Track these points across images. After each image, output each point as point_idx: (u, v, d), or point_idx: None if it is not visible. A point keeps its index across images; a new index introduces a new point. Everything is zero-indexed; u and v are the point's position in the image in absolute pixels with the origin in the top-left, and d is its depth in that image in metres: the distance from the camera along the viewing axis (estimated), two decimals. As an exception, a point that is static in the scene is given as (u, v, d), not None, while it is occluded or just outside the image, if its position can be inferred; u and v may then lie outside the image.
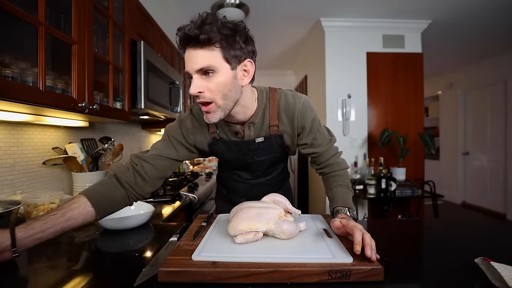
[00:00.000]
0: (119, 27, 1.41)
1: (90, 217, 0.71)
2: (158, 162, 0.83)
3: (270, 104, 0.89)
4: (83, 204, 0.69)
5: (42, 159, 1.22)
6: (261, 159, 0.97)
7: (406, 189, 2.66)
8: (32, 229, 0.61)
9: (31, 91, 0.85)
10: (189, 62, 0.72)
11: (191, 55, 0.71)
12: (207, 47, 0.69)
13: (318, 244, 0.64)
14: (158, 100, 1.71)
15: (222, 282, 0.52)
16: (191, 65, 0.71)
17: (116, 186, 0.77)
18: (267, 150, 0.94)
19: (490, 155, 4.37)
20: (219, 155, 0.96)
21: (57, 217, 0.64)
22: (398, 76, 3.03)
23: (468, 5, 2.55)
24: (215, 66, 0.70)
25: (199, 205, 1.73)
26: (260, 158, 0.96)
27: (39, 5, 0.88)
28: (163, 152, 0.84)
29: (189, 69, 0.72)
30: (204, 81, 0.72)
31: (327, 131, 0.96)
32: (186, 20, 0.71)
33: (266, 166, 1.02)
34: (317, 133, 0.92)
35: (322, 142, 0.93)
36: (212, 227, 0.77)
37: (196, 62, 0.70)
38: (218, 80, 0.71)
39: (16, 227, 0.60)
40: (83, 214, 0.69)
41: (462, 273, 0.58)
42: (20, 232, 0.60)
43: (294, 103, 0.88)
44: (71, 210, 0.67)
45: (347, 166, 0.96)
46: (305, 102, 0.88)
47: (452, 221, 1.02)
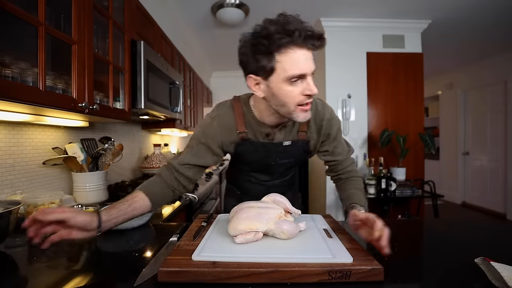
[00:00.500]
0: (119, 27, 1.41)
1: (147, 209, 0.81)
2: (188, 171, 0.88)
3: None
4: (142, 199, 0.80)
5: (42, 159, 1.22)
6: (283, 162, 0.98)
7: (406, 189, 2.66)
8: (110, 215, 0.71)
9: (31, 91, 0.85)
10: (306, 62, 0.71)
11: (308, 56, 0.71)
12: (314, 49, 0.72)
13: (318, 244, 0.64)
14: (158, 100, 1.71)
15: (222, 282, 0.52)
16: (310, 65, 0.72)
17: (163, 187, 0.86)
18: (291, 154, 0.95)
19: (490, 155, 4.37)
20: (242, 156, 0.96)
21: (126, 207, 0.75)
22: (398, 76, 3.03)
23: (468, 5, 2.55)
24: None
25: (199, 205, 1.73)
26: (283, 161, 0.98)
27: (39, 5, 0.88)
28: (191, 161, 0.88)
29: (307, 70, 0.71)
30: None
31: (345, 142, 1.00)
32: (187, 20, 0.71)
33: (285, 169, 1.04)
34: (339, 142, 0.96)
35: (342, 151, 0.97)
36: (212, 227, 0.77)
37: (312, 63, 0.72)
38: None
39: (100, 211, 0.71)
40: (143, 206, 0.79)
41: (462, 273, 0.58)
42: (103, 216, 0.70)
43: (323, 112, 0.90)
44: (134, 202, 0.78)
45: (361, 175, 1.00)
46: (332, 111, 0.93)
47: (452, 221, 1.02)
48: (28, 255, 0.73)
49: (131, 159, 2.16)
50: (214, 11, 2.57)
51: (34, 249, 0.76)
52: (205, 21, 2.83)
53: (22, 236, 0.84)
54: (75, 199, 1.31)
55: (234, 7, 2.50)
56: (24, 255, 0.74)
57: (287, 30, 0.68)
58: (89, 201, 1.30)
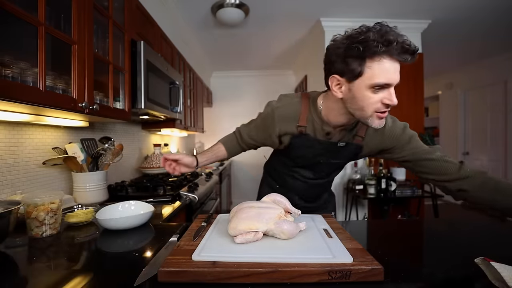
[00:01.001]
0: (119, 27, 1.41)
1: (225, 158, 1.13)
2: (250, 143, 1.09)
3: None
4: (222, 150, 1.10)
5: (42, 159, 1.22)
6: (333, 162, 1.01)
7: (406, 189, 2.65)
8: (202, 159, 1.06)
9: (31, 91, 0.85)
10: (394, 73, 0.74)
11: (396, 68, 0.74)
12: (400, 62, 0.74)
13: (318, 244, 0.64)
14: (158, 100, 1.71)
15: (222, 282, 0.52)
16: (396, 77, 0.75)
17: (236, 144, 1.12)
18: (342, 155, 0.97)
19: (490, 155, 4.37)
20: (295, 149, 0.99)
21: (212, 155, 1.08)
22: (398, 76, 3.03)
23: (468, 5, 2.55)
24: None
25: (199, 205, 1.73)
26: (333, 161, 1.00)
27: (39, 5, 0.88)
28: (254, 136, 1.06)
29: (393, 81, 0.75)
30: None
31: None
32: (187, 20, 0.71)
33: (331, 169, 1.06)
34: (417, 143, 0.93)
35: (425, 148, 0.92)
36: (212, 227, 0.77)
37: (398, 75, 0.75)
38: None
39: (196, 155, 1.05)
40: (222, 155, 1.10)
41: (462, 273, 0.57)
42: (199, 159, 1.05)
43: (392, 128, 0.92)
44: (218, 152, 1.10)
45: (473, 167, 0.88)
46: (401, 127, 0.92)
47: (452, 221, 1.02)
48: (28, 255, 0.73)
49: (131, 159, 2.16)
50: (214, 11, 2.57)
51: (34, 249, 0.76)
52: (205, 21, 2.83)
53: (22, 236, 0.84)
54: (75, 199, 1.30)
55: (234, 7, 2.49)
56: (24, 255, 0.73)
57: (386, 39, 0.69)
58: (89, 201, 1.30)
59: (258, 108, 1.21)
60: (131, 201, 1.02)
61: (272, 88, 4.73)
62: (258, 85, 4.85)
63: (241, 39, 3.33)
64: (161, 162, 1.00)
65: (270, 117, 0.96)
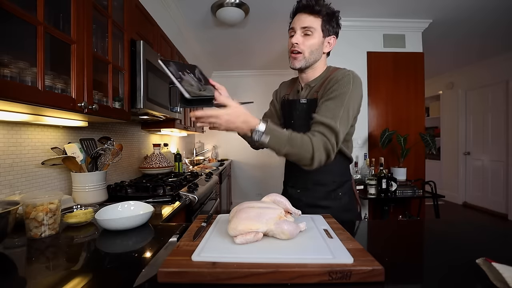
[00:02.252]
0: (119, 27, 1.41)
1: None
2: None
3: (326, 75, 1.05)
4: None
5: (41, 159, 1.21)
6: (300, 124, 1.04)
7: (407, 189, 2.65)
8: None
9: (30, 91, 0.85)
10: (298, 21, 1.00)
11: (301, 17, 0.99)
12: (315, 15, 0.98)
13: (319, 245, 0.63)
14: (157, 100, 1.71)
15: (222, 282, 0.52)
16: (299, 23, 0.99)
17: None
18: (308, 115, 0.98)
19: (491, 155, 4.36)
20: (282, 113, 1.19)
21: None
22: (398, 76, 3.03)
23: (468, 4, 2.55)
24: (315, 29, 0.98)
25: (199, 205, 1.72)
26: (299, 121, 1.06)
27: (38, 5, 0.87)
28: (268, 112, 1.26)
29: (296, 26, 1.00)
30: (302, 38, 1.00)
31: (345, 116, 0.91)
32: (186, 20, 0.71)
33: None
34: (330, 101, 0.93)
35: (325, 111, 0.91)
36: (212, 227, 0.76)
37: (303, 22, 0.99)
38: (311, 41, 1.00)
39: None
40: None
41: (463, 273, 0.57)
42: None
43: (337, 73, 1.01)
44: None
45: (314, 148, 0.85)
46: (347, 74, 0.98)
47: (453, 222, 1.01)
48: (26, 256, 0.73)
49: (130, 159, 2.15)
50: (214, 10, 2.57)
51: (33, 249, 0.76)
52: (205, 21, 2.83)
53: (20, 236, 0.84)
54: (74, 199, 1.30)
55: (234, 7, 2.49)
56: (22, 256, 0.73)
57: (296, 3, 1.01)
58: (88, 201, 1.29)
59: (258, 108, 1.21)
60: (130, 202, 1.02)
61: (272, 87, 4.68)
62: (258, 84, 4.85)
63: (241, 39, 3.32)
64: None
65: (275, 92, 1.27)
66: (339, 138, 0.89)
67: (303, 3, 0.99)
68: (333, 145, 0.88)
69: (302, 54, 1.01)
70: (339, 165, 1.08)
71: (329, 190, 1.07)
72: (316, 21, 0.98)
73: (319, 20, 0.99)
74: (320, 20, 0.99)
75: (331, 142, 0.87)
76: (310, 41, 0.99)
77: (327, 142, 0.87)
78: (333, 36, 1.04)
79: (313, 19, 0.98)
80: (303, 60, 1.02)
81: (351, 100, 0.94)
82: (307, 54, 1.01)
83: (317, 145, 0.85)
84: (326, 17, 0.99)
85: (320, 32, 1.00)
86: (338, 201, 1.07)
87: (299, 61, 1.02)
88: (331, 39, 1.04)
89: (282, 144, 0.84)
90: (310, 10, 0.98)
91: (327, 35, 1.02)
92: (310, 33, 0.99)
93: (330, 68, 1.09)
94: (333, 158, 0.90)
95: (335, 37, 1.04)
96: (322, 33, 1.00)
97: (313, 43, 1.00)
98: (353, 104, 0.95)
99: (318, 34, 1.00)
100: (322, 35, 1.01)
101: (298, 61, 1.02)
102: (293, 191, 1.14)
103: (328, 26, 1.00)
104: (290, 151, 0.85)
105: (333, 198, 1.07)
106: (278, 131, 0.85)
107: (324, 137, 0.87)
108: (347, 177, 1.12)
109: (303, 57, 1.01)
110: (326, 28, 1.00)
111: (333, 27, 1.02)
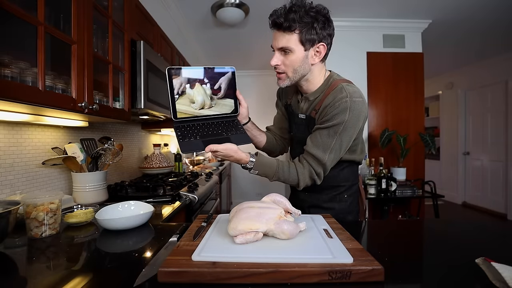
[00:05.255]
0: (119, 27, 1.41)
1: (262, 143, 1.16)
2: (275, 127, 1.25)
3: (326, 91, 0.98)
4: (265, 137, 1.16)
5: (42, 159, 1.21)
6: (299, 136, 1.06)
7: (407, 189, 2.65)
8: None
9: (30, 91, 0.85)
10: (274, 40, 0.93)
11: (276, 35, 0.92)
12: (288, 32, 0.88)
13: (318, 244, 0.63)
14: (158, 100, 1.71)
15: (222, 282, 0.52)
16: (275, 43, 0.92)
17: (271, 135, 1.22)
18: (306, 129, 1.01)
19: (490, 155, 4.36)
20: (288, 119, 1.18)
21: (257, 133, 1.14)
22: (398, 76, 3.03)
23: (468, 4, 2.55)
24: (292, 47, 0.89)
25: (199, 205, 1.72)
26: (299, 134, 1.06)
27: (39, 5, 0.88)
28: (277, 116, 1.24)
29: (273, 46, 0.94)
30: (282, 57, 0.93)
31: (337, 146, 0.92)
32: (186, 20, 0.72)
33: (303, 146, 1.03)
34: (321, 136, 0.92)
35: (316, 141, 0.93)
36: (212, 227, 0.77)
37: (278, 42, 0.91)
38: (292, 58, 0.91)
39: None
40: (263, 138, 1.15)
41: (463, 273, 0.57)
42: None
43: (334, 96, 0.93)
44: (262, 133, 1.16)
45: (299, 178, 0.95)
46: (344, 100, 0.89)
47: (453, 221, 1.01)
48: (27, 255, 0.73)
49: (130, 159, 2.15)
50: (214, 10, 2.57)
51: (34, 249, 0.76)
52: (205, 21, 2.83)
53: (21, 236, 0.84)
54: (75, 199, 1.30)
55: (234, 7, 2.49)
56: (23, 256, 0.73)
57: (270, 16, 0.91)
58: (88, 201, 1.29)
59: (259, 108, 1.22)
60: (130, 201, 1.02)
61: (272, 87, 4.70)
62: (258, 84, 4.85)
63: (241, 39, 3.33)
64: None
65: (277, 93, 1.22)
66: (326, 168, 0.95)
67: (273, 20, 0.89)
68: (319, 174, 0.95)
69: (285, 73, 0.95)
70: (348, 169, 1.08)
71: (337, 193, 1.08)
72: (291, 38, 0.88)
73: (295, 35, 0.88)
74: (296, 35, 0.88)
75: (317, 172, 0.95)
76: (290, 58, 0.91)
77: (313, 173, 0.95)
78: (321, 44, 0.91)
79: (288, 37, 0.88)
80: (288, 79, 0.96)
81: (346, 130, 0.91)
82: (290, 73, 0.94)
83: (303, 175, 0.95)
84: (304, 28, 0.87)
85: (300, 46, 0.89)
86: (344, 203, 1.08)
87: (283, 80, 0.96)
88: (318, 47, 0.92)
89: (270, 175, 0.96)
90: (281, 28, 0.88)
91: (311, 46, 0.90)
92: (288, 51, 0.90)
93: (330, 80, 1.00)
94: (320, 182, 0.97)
95: (323, 44, 0.92)
96: (303, 46, 0.90)
97: (294, 60, 0.91)
98: (347, 134, 0.92)
99: (298, 49, 0.90)
100: (304, 49, 0.90)
101: (283, 80, 0.96)
102: (301, 193, 1.14)
103: (309, 36, 0.88)
104: (278, 180, 0.97)
105: (338, 200, 1.08)
106: (265, 165, 0.94)
107: (311, 168, 0.95)
108: (355, 180, 1.13)
109: (286, 76, 0.95)
110: (307, 39, 0.89)
111: (318, 33, 0.89)
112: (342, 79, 1.00)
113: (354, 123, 0.91)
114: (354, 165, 1.10)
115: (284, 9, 0.87)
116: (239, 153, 0.91)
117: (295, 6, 0.86)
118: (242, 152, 0.92)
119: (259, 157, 0.94)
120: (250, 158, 0.93)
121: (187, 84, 0.90)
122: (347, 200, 1.08)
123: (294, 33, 0.87)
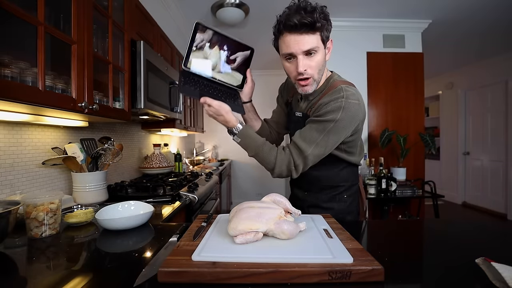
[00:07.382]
0: (119, 27, 1.41)
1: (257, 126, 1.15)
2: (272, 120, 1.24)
3: (325, 91, 0.97)
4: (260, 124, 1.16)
5: (42, 159, 1.21)
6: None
7: (407, 189, 2.65)
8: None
9: (30, 91, 0.85)
10: (296, 44, 0.85)
11: (297, 38, 0.85)
12: (311, 32, 0.84)
13: (318, 244, 0.63)
14: (158, 100, 1.71)
15: (222, 282, 0.52)
16: (299, 46, 0.85)
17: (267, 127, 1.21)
18: (302, 127, 0.97)
19: (490, 155, 4.36)
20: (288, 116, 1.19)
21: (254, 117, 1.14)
22: (398, 76, 3.03)
23: (468, 4, 2.55)
24: (318, 47, 0.87)
25: (199, 205, 1.72)
26: (294, 133, 1.02)
27: (39, 5, 0.88)
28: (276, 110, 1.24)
29: (295, 51, 0.86)
30: (307, 60, 0.88)
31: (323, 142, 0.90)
32: (186, 20, 0.72)
33: None
34: (311, 130, 0.90)
35: (304, 133, 0.92)
36: (212, 227, 0.77)
37: (304, 44, 0.85)
38: (317, 59, 0.88)
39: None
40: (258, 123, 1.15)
41: (463, 273, 0.57)
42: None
43: (334, 93, 0.92)
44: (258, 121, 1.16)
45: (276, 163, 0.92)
46: (340, 100, 0.88)
47: (453, 221, 1.01)
48: (27, 255, 0.73)
49: (130, 159, 2.15)
50: (214, 10, 2.57)
51: (33, 249, 0.76)
52: (205, 21, 2.83)
53: (21, 236, 0.84)
54: (75, 199, 1.30)
55: (234, 7, 2.50)
56: (23, 256, 0.73)
57: (287, 19, 0.84)
58: (88, 201, 1.29)
59: (258, 108, 1.21)
60: (130, 201, 1.02)
61: (273, 87, 4.71)
62: (259, 84, 4.83)
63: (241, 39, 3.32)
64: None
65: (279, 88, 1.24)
66: (307, 162, 0.92)
67: (296, 22, 0.82)
68: (298, 166, 0.92)
69: (311, 78, 0.90)
70: (348, 169, 1.08)
71: (336, 193, 1.08)
72: (317, 38, 0.85)
73: (317, 34, 0.85)
74: (318, 34, 0.86)
75: (296, 163, 0.92)
76: (315, 59, 0.88)
77: (291, 163, 0.92)
78: (330, 39, 0.92)
79: (313, 37, 0.85)
80: (314, 83, 0.92)
81: (335, 130, 0.88)
82: (316, 75, 0.91)
83: (280, 162, 0.92)
84: (324, 27, 0.86)
85: (322, 45, 0.88)
86: (343, 203, 1.08)
87: (311, 86, 0.92)
88: (329, 43, 0.92)
89: (250, 149, 0.93)
90: (309, 29, 0.83)
91: (326, 43, 0.91)
92: (314, 52, 0.87)
93: (330, 80, 0.98)
94: (297, 176, 0.94)
95: (331, 39, 0.93)
96: (324, 44, 0.89)
97: (319, 60, 0.89)
98: (336, 134, 0.89)
99: (322, 48, 0.88)
100: (324, 47, 0.89)
101: (310, 86, 0.92)
102: (300, 193, 1.14)
103: (327, 33, 0.88)
104: (255, 157, 0.94)
105: (338, 200, 1.08)
106: (250, 137, 0.93)
107: (291, 157, 0.92)
108: (354, 180, 1.12)
109: (313, 80, 0.91)
110: (326, 36, 0.88)
111: (329, 30, 0.89)
112: (343, 80, 0.99)
113: (345, 124, 0.89)
114: (354, 166, 1.10)
115: (303, 10, 0.82)
116: (230, 115, 0.90)
117: (309, 5, 0.83)
118: (234, 116, 0.91)
119: (247, 128, 0.93)
120: (239, 124, 0.92)
121: (208, 43, 0.93)
122: (346, 200, 1.08)
123: (316, 32, 0.85)
